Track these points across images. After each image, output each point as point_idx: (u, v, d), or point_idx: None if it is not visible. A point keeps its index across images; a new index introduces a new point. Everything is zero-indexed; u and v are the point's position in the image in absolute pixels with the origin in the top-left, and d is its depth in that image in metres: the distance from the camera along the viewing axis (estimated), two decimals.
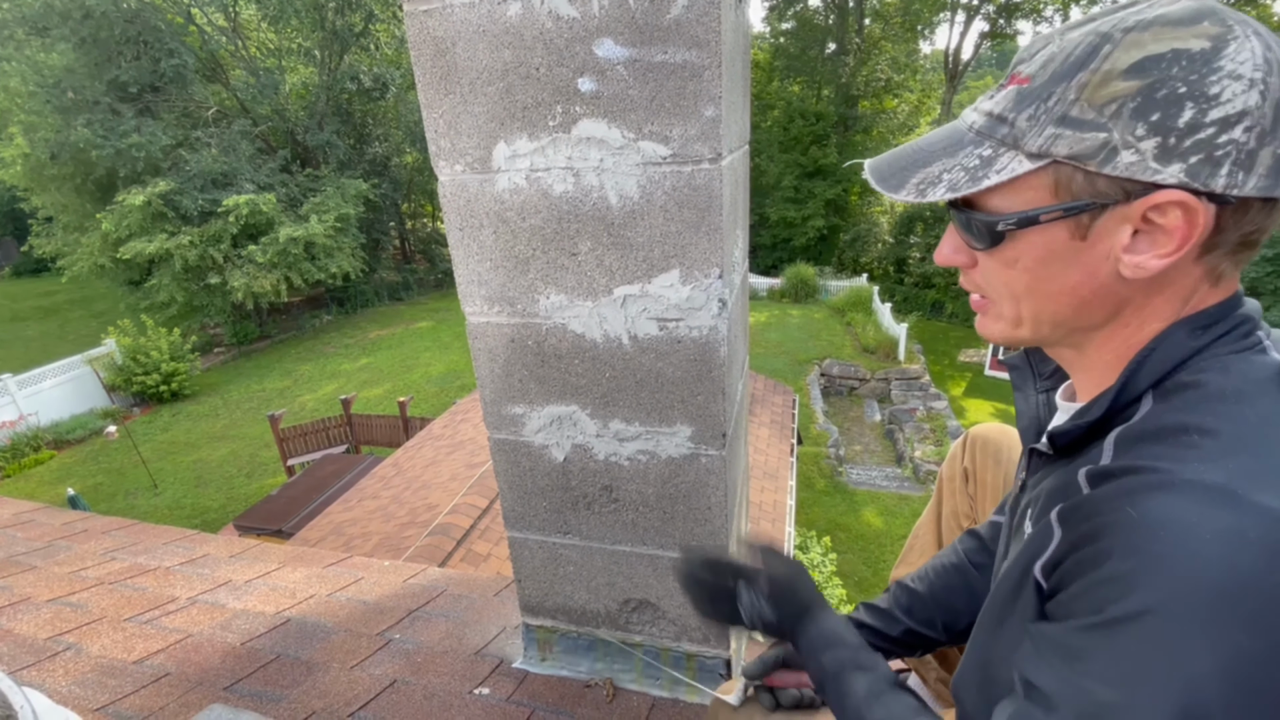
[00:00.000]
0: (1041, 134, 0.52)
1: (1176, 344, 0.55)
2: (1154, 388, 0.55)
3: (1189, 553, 0.44)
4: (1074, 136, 0.51)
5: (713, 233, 0.92)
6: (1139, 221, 0.51)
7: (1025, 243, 0.56)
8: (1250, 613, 0.42)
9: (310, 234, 18.14)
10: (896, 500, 10.66)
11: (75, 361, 15.35)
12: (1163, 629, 0.44)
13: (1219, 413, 0.49)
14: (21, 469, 12.77)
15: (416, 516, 5.29)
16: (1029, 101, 0.53)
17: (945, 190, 0.56)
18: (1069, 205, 0.53)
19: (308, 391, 15.97)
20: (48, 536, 2.05)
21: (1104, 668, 0.46)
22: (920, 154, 0.61)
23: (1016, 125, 0.54)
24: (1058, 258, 0.55)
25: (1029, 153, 0.53)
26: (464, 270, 1.06)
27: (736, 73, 0.95)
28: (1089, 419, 0.58)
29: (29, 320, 24.81)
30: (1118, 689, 0.45)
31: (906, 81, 26.36)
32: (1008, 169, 0.54)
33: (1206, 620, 0.42)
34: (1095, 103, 0.50)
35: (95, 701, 1.28)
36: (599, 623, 1.29)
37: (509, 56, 0.89)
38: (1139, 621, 0.45)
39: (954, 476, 1.20)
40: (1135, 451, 0.52)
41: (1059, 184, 0.53)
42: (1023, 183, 0.54)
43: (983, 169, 0.55)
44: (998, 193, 0.56)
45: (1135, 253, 0.52)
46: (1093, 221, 0.53)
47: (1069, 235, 0.54)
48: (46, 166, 17.52)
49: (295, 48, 22.60)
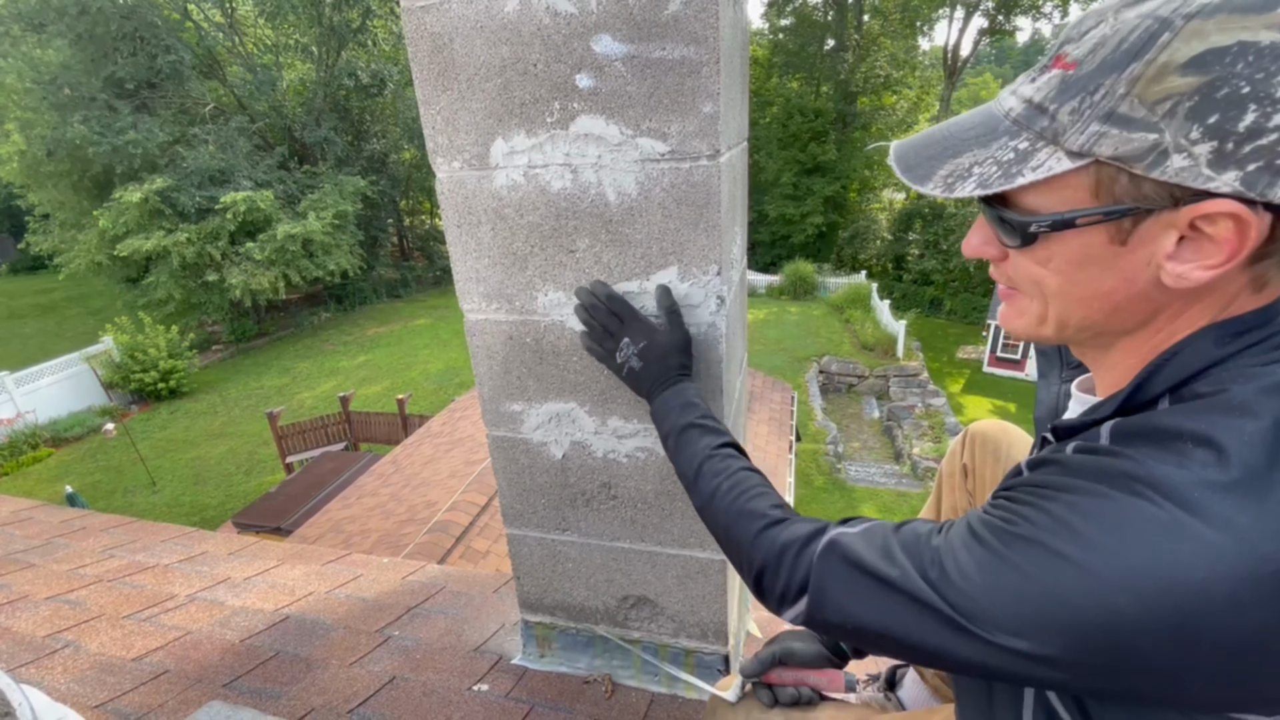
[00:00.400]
0: (1085, 131, 0.47)
1: (1199, 351, 0.51)
2: (1171, 392, 0.52)
3: (1122, 532, 0.45)
4: (1120, 136, 0.46)
5: (711, 230, 0.92)
6: (1185, 229, 0.47)
7: (1059, 245, 0.52)
8: (1145, 589, 0.42)
9: (308, 231, 18.11)
10: (895, 497, 10.69)
11: (73, 359, 15.33)
12: (1059, 570, 0.46)
13: (1220, 424, 0.46)
14: (19, 466, 12.76)
15: (415, 514, 5.29)
16: (1073, 92, 0.48)
17: (975, 186, 0.52)
18: (1109, 209, 0.48)
19: (306, 389, 15.96)
20: (46, 534, 2.05)
21: (986, 558, 0.49)
22: (951, 141, 0.56)
23: (1058, 118, 0.49)
24: (1094, 261, 0.51)
25: (1069, 150, 0.49)
26: (462, 267, 1.06)
27: (735, 69, 0.95)
28: (1096, 417, 0.56)
29: (26, 318, 24.76)
30: (982, 580, 0.49)
31: (905, 78, 26.33)
32: (1044, 166, 0.49)
33: (1103, 579, 0.44)
34: (1147, 99, 0.45)
35: (94, 699, 1.28)
36: (597, 619, 1.29)
37: (506, 52, 0.89)
38: (1045, 552, 0.47)
39: (953, 473, 1.20)
40: (1126, 443, 0.50)
41: (1100, 185, 0.48)
42: (1060, 182, 0.50)
43: (1017, 164, 0.51)
44: (1032, 190, 0.51)
45: (1179, 261, 0.48)
46: (1135, 226, 0.48)
47: (1108, 239, 0.50)
48: (43, 163, 17.47)
49: (292, 44, 22.53)
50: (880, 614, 0.55)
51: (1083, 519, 0.46)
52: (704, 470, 0.80)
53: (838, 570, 0.60)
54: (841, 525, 0.65)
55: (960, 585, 0.50)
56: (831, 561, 0.61)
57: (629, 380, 0.96)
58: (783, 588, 0.65)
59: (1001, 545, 0.49)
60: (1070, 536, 0.46)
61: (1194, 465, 0.45)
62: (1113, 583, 0.43)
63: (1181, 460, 0.45)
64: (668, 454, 0.88)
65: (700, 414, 0.87)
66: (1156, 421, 0.50)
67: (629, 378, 0.96)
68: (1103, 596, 0.44)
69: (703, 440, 0.83)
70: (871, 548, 0.58)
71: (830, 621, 0.60)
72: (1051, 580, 0.46)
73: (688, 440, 0.84)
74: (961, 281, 21.16)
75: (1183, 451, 0.46)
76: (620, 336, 0.95)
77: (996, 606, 0.48)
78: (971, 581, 0.49)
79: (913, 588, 0.53)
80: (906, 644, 0.54)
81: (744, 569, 0.71)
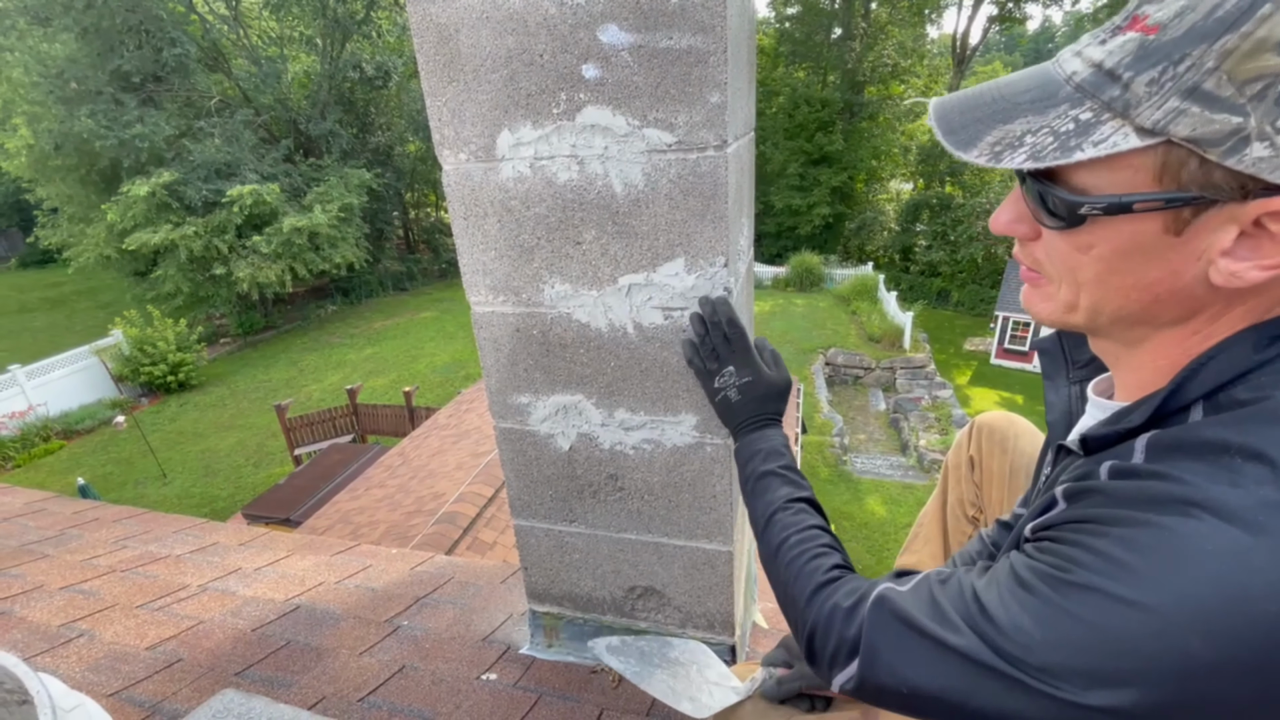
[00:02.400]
0: (1162, 106, 0.42)
1: (1239, 355, 0.47)
2: (1206, 399, 0.48)
3: (1183, 565, 0.41)
4: (1201, 116, 0.41)
5: (718, 221, 0.92)
6: (1248, 225, 0.43)
7: (1107, 230, 0.47)
8: (1217, 628, 0.39)
9: (314, 224, 18.15)
10: (901, 489, 10.67)
11: (83, 352, 15.45)
12: (1122, 616, 0.42)
13: (1267, 436, 0.42)
14: (32, 459, 12.90)
15: (423, 505, 5.32)
16: (1154, 60, 0.43)
17: (1027, 157, 0.47)
18: (1172, 196, 0.44)
19: (313, 381, 16.05)
20: (59, 525, 2.07)
21: (1041, 610, 0.46)
22: (1001, 103, 0.50)
23: (1132, 89, 0.44)
24: (1141, 251, 0.47)
25: (1139, 126, 0.43)
26: (468, 260, 1.06)
27: (742, 58, 0.95)
28: (1128, 425, 0.51)
29: (36, 311, 24.96)
30: (1042, 634, 0.45)
31: (913, 67, 26.06)
32: (1108, 142, 0.44)
33: (1170, 621, 0.40)
34: (1237, 78, 0.40)
35: (109, 687, 1.30)
36: (604, 609, 1.30)
37: (512, 43, 0.89)
38: (1105, 598, 0.43)
39: (960, 465, 1.20)
40: (1168, 460, 0.46)
41: (1166, 168, 0.44)
42: (1122, 161, 0.45)
43: (1077, 137, 0.45)
44: (1088, 168, 0.46)
45: (1235, 259, 0.44)
46: (1195, 217, 0.44)
47: (1162, 229, 0.45)
48: (51, 157, 17.55)
49: (297, 36, 22.49)
50: (936, 676, 0.51)
51: (1139, 556, 0.43)
52: (775, 520, 0.78)
53: (889, 628, 0.55)
54: (891, 580, 0.60)
55: (1018, 641, 0.46)
56: (882, 618, 0.56)
57: (720, 408, 0.94)
58: (833, 650, 0.60)
59: (1055, 594, 0.45)
60: (1127, 577, 0.42)
61: (1249, 483, 0.41)
62: (1181, 623, 0.40)
63: (1235, 478, 0.42)
64: (743, 496, 0.86)
65: (783, 463, 0.85)
66: (1199, 434, 0.46)
67: (721, 405, 0.93)
68: (1172, 639, 0.40)
69: (780, 490, 0.81)
70: (920, 604, 0.54)
71: (884, 686, 0.55)
72: (1115, 627, 0.42)
73: (765, 487, 0.82)
74: (969, 273, 21.03)
75: (1233, 468, 0.42)
76: (727, 363, 0.92)
77: (1060, 662, 0.44)
78: (1029, 636, 0.45)
79: (968, 648, 0.48)
80: (967, 709, 0.49)
81: (798, 630, 0.67)
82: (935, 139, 0.54)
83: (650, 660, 1.14)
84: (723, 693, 1.02)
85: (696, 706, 1.00)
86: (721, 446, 1.07)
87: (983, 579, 0.52)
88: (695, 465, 1.09)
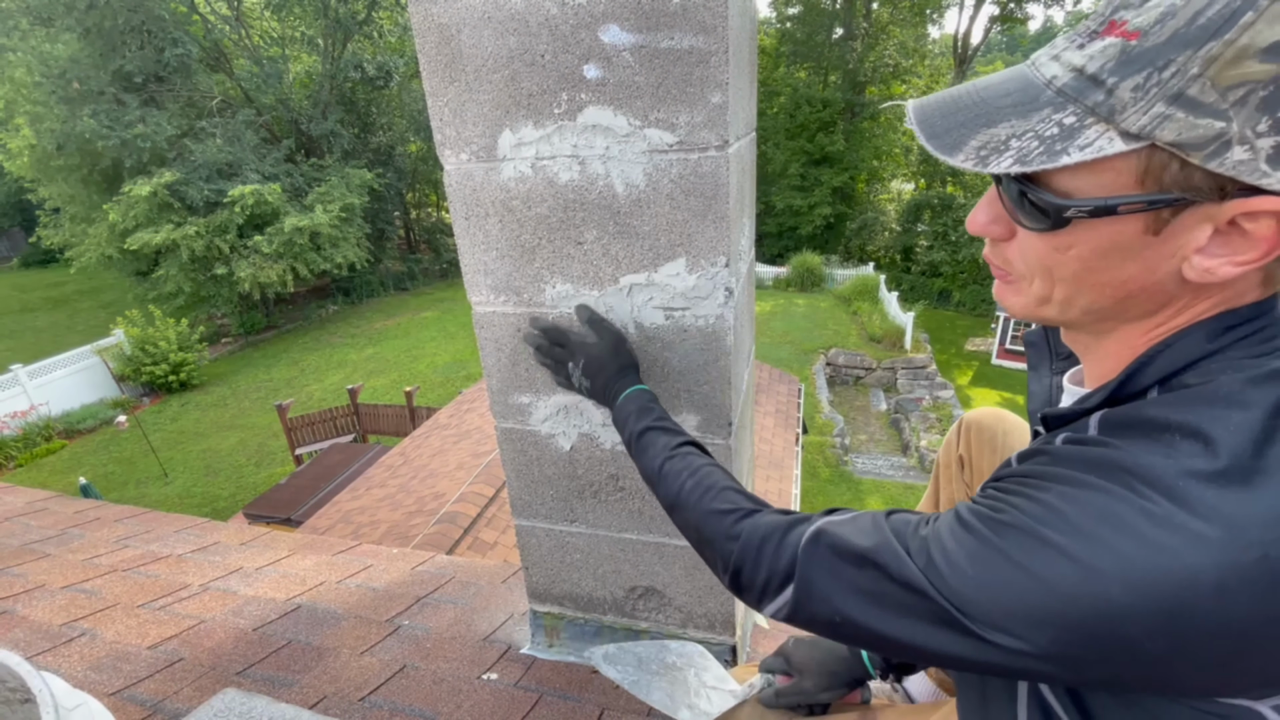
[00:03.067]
0: (1148, 111, 0.43)
1: (1192, 345, 0.51)
2: (1161, 384, 0.52)
3: (1112, 521, 0.44)
4: (1186, 121, 0.42)
5: (719, 221, 0.92)
6: (1223, 224, 0.45)
7: (1088, 231, 0.49)
8: (1136, 579, 0.42)
9: (315, 224, 18.15)
10: (902, 489, 10.66)
11: (85, 352, 15.46)
12: (1049, 558, 0.45)
13: (1207, 415, 0.46)
14: (33, 458, 12.91)
15: (424, 505, 5.33)
16: (1137, 65, 0.44)
17: (1013, 161, 0.48)
18: (1155, 197, 0.45)
19: (314, 381, 16.06)
20: (61, 524, 2.08)
21: (976, 547, 0.48)
22: (983, 107, 0.51)
23: (1116, 94, 0.45)
24: (1119, 250, 0.49)
25: (1125, 131, 0.44)
26: (470, 260, 1.06)
27: (743, 58, 0.95)
28: (1085, 407, 0.55)
29: (38, 311, 24.99)
30: (974, 571, 0.47)
31: (915, 67, 26.03)
32: (1094, 146, 0.45)
33: (1094, 568, 0.43)
34: (1221, 84, 0.41)
35: (110, 686, 1.30)
36: (605, 609, 1.30)
37: (514, 43, 0.89)
38: (1035, 540, 0.46)
39: (950, 464, 1.19)
40: (1115, 434, 0.50)
41: (1149, 171, 0.45)
42: (1106, 164, 0.46)
43: (1062, 141, 0.46)
44: (1072, 172, 0.47)
45: (1208, 256, 0.46)
46: (1173, 217, 0.46)
47: (1142, 228, 0.47)
48: (53, 157, 17.56)
49: (298, 36, 22.50)
50: (869, 605, 0.53)
51: (1074, 508, 0.46)
52: (665, 471, 0.79)
53: (825, 559, 0.57)
54: (828, 514, 0.62)
55: (949, 575, 0.49)
56: (819, 550, 0.58)
57: (593, 400, 0.98)
58: (764, 579, 0.62)
59: (991, 534, 0.48)
60: (1061, 526, 0.45)
61: (1181, 456, 0.45)
62: (1104, 572, 0.43)
63: (1169, 451, 0.45)
64: (634, 462, 0.87)
65: (654, 417, 0.87)
66: (1144, 412, 0.49)
67: (590, 397, 0.98)
68: (1094, 585, 0.43)
69: (660, 440, 0.83)
70: (861, 535, 0.56)
71: (817, 615, 0.58)
72: (1042, 569, 0.45)
73: (647, 443, 0.84)
74: (970, 273, 21.00)
75: (1170, 442, 0.46)
76: (567, 361, 0.99)
77: (987, 598, 0.47)
78: (961, 572, 0.48)
79: (905, 576, 0.51)
80: (894, 639, 0.52)
81: (719, 565, 0.68)
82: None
83: (648, 667, 1.14)
84: (721, 697, 1.02)
85: (695, 714, 1.00)
86: (722, 446, 1.07)
87: (926, 520, 0.55)
88: None
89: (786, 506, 6.29)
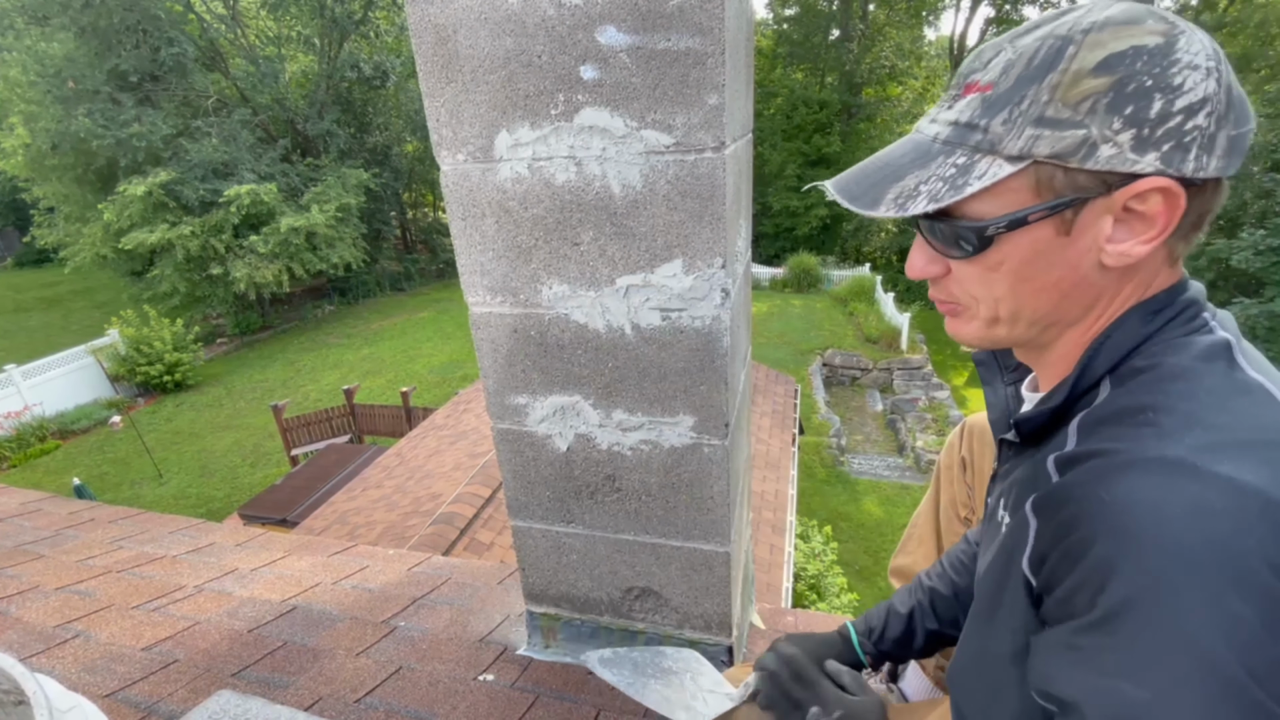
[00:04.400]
0: (1021, 136, 0.52)
1: (1130, 330, 0.57)
2: (1111, 373, 0.57)
3: (1161, 528, 0.44)
4: (1054, 136, 0.51)
5: (716, 222, 0.92)
6: (1119, 211, 0.53)
7: (1011, 245, 0.56)
8: (1233, 578, 0.42)
9: (311, 224, 18.10)
10: (898, 490, 10.68)
11: (79, 352, 15.39)
12: (1158, 611, 0.44)
13: (1171, 391, 0.51)
14: (27, 459, 12.84)
15: (420, 506, 5.32)
16: (999, 106, 0.54)
17: (926, 201, 0.55)
18: (1054, 203, 0.53)
19: (310, 381, 16.01)
20: (55, 525, 2.07)
21: (1118, 663, 0.45)
22: (889, 168, 0.60)
23: (991, 130, 0.54)
24: (1042, 255, 0.56)
25: (1009, 155, 0.53)
26: (466, 260, 1.06)
27: (740, 60, 0.95)
28: (1051, 405, 0.60)
29: (32, 311, 24.86)
30: (1139, 680, 0.44)
31: (911, 68, 26.12)
32: (989, 174, 0.54)
33: (1196, 593, 0.43)
34: (1069, 101, 0.51)
35: (105, 688, 1.29)
36: (602, 610, 1.30)
37: (511, 44, 0.89)
38: (1135, 606, 0.45)
39: (951, 465, 1.20)
40: (1097, 435, 0.54)
41: (1040, 183, 0.53)
42: (1003, 187, 0.54)
43: (961, 177, 0.55)
44: (978, 199, 0.55)
45: (1117, 242, 0.54)
46: (1075, 216, 0.54)
47: (1054, 232, 0.55)
48: (48, 157, 17.48)
49: (295, 35, 22.43)
50: None
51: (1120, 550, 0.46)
52: None
53: None
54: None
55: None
56: None
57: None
58: None
59: (1101, 637, 0.47)
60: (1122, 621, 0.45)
61: (1172, 433, 0.48)
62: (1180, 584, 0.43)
63: (1157, 431, 0.49)
64: None
65: None
66: (1115, 404, 0.55)
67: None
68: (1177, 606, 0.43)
69: None
70: None
71: None
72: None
73: None
74: None
75: (1152, 422, 0.50)
76: (808, 706, 0.86)
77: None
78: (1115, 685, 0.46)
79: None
80: None
81: None
82: None
83: (644, 671, 1.14)
84: (717, 700, 1.02)
85: (691, 715, 1.00)
86: (719, 447, 1.07)
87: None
88: (693, 466, 1.09)
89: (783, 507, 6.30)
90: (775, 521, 6.01)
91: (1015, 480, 0.63)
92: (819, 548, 7.42)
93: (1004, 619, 0.59)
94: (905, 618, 0.95)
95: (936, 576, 0.96)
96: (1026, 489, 0.58)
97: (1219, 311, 0.60)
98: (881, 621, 0.97)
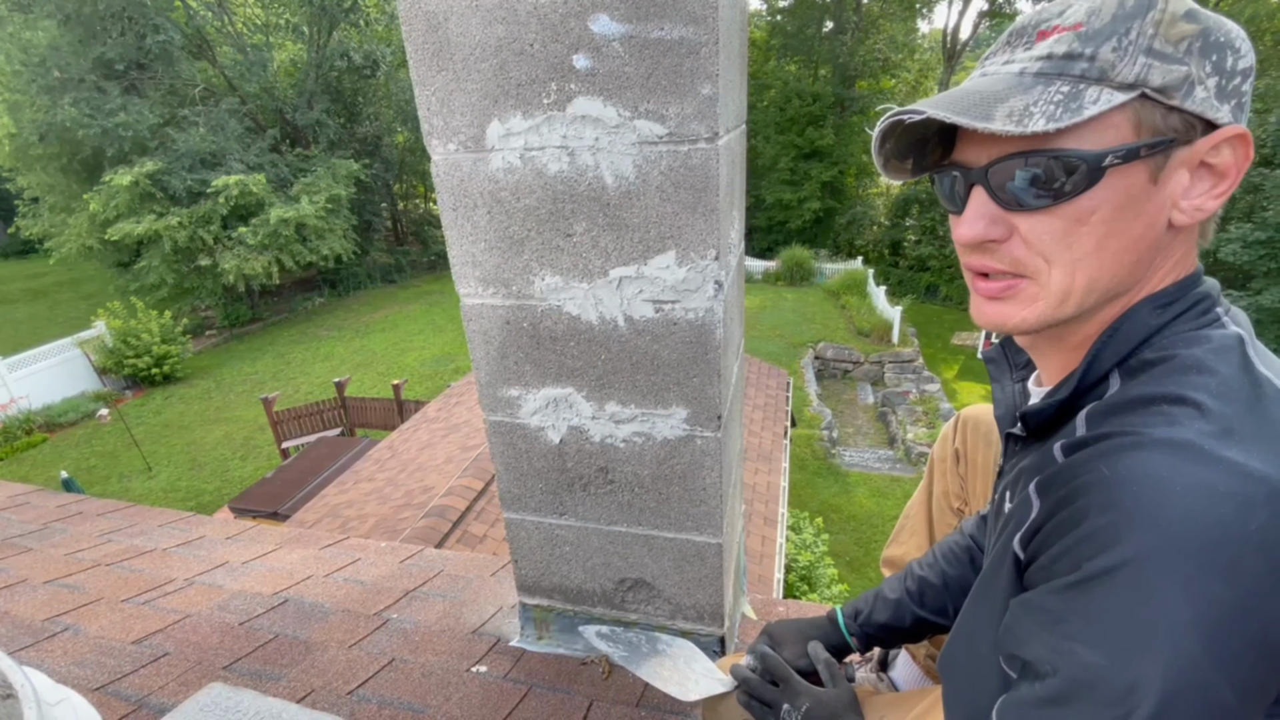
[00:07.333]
0: (1135, 63, 0.50)
1: (1139, 322, 0.56)
2: (1120, 365, 0.56)
3: (1161, 505, 0.44)
4: (1164, 68, 0.50)
5: (709, 214, 0.91)
6: (1195, 165, 0.53)
7: (1107, 189, 0.52)
8: (1224, 562, 0.42)
9: (301, 215, 17.93)
10: (888, 481, 10.76)
11: (66, 344, 15.21)
12: (1139, 581, 0.44)
13: (1184, 383, 0.50)
14: (14, 452, 12.71)
15: (412, 498, 5.30)
16: (1103, 36, 0.51)
17: (1044, 120, 0.50)
18: (1156, 140, 0.51)
19: (301, 374, 15.92)
20: (43, 519, 2.05)
21: (1085, 626, 0.46)
22: (986, 93, 0.54)
23: (1100, 57, 0.51)
24: (1134, 203, 0.52)
25: (1120, 83, 0.50)
26: (458, 251, 1.05)
27: (734, 50, 0.94)
28: (1059, 397, 0.59)
29: (18, 302, 24.54)
30: (1101, 647, 0.45)
31: (904, 61, 26.08)
32: (1102, 100, 0.50)
33: (1181, 571, 0.43)
34: (1170, 38, 0.50)
35: (94, 681, 1.28)
36: (595, 602, 1.30)
37: (502, 32, 0.88)
38: (1116, 575, 0.45)
39: (945, 458, 1.21)
40: (1108, 422, 0.53)
41: (1141, 121, 0.51)
42: (1107, 121, 0.51)
43: (1073, 101, 0.50)
44: (1080, 132, 0.51)
45: (1192, 196, 0.53)
46: (1166, 161, 0.52)
47: (1147, 178, 0.52)
48: (33, 146, 17.20)
49: (283, 23, 22.15)
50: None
51: (1120, 516, 0.46)
52: None
53: None
54: None
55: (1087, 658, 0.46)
56: None
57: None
58: None
59: (1080, 599, 0.47)
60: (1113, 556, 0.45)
61: (1183, 420, 0.48)
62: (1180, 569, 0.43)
63: (1169, 420, 0.48)
64: None
65: None
66: (1126, 395, 0.53)
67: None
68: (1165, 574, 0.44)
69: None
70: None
71: None
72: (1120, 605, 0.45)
73: None
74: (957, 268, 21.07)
75: (1164, 412, 0.49)
76: (780, 704, 0.89)
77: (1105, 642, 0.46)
78: (1085, 651, 0.46)
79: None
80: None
81: None
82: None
83: (639, 649, 1.15)
84: (709, 682, 1.03)
85: (684, 690, 1.01)
86: (712, 439, 1.07)
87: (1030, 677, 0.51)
88: (685, 458, 1.10)
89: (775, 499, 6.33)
90: (767, 513, 6.04)
91: (1022, 470, 0.62)
92: (810, 539, 7.47)
93: (993, 597, 0.60)
94: (893, 603, 0.96)
95: (927, 566, 0.97)
96: (1031, 475, 0.57)
97: (1232, 308, 0.59)
98: (869, 605, 0.99)
